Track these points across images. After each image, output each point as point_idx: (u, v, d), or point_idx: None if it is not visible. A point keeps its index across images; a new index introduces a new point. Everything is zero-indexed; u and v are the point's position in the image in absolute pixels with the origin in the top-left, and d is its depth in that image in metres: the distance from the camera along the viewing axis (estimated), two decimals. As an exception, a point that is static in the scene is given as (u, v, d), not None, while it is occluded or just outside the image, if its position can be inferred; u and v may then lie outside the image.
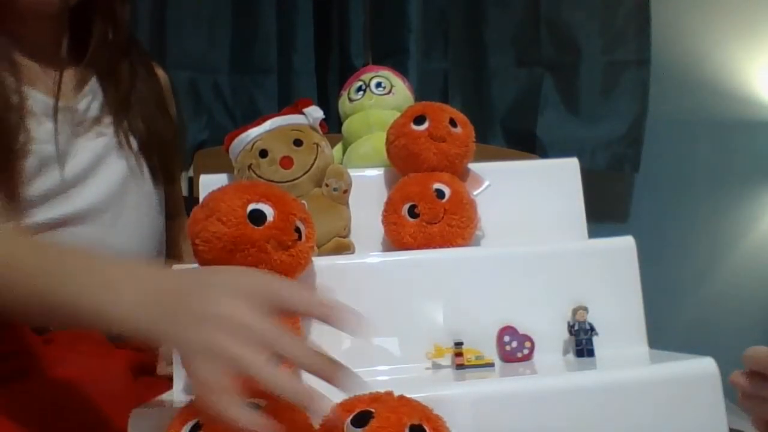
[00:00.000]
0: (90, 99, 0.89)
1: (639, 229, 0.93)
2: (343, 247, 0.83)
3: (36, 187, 0.81)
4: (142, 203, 0.92)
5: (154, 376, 0.85)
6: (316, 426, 0.51)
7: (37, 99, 0.82)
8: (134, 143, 0.91)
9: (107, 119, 0.89)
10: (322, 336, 0.72)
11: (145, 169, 0.93)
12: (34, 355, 0.78)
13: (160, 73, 1.02)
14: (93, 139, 0.87)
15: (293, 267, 0.65)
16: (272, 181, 0.81)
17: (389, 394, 0.52)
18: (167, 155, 0.96)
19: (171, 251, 1.02)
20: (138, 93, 0.93)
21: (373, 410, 0.50)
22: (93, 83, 0.90)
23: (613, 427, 0.62)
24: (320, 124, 0.87)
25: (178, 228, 1.04)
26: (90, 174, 0.86)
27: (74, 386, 0.75)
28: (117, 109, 0.90)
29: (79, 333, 0.83)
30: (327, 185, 0.83)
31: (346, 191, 0.84)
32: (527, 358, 0.73)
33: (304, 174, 0.82)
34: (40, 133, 0.81)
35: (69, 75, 0.87)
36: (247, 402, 0.50)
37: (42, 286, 0.56)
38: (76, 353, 0.80)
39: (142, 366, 0.86)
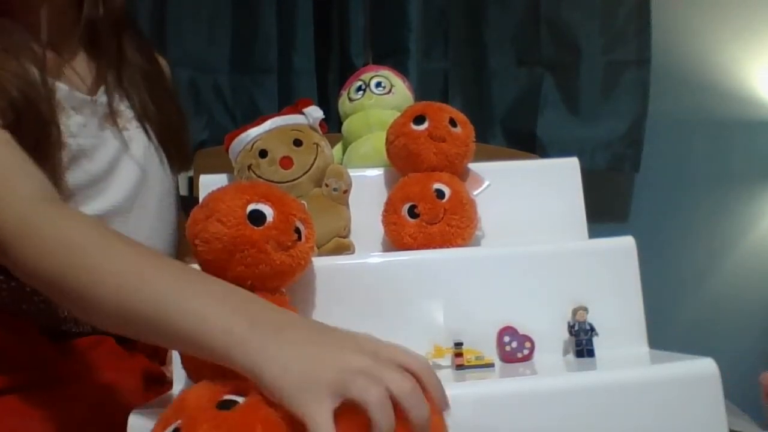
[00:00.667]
0: (111, 91, 0.87)
1: (639, 229, 0.93)
2: (343, 247, 0.83)
3: (67, 182, 0.79)
4: (165, 195, 0.91)
5: (164, 385, 0.85)
6: None
7: (63, 91, 0.80)
8: (152, 133, 0.90)
9: (127, 111, 0.88)
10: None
11: (164, 159, 0.92)
12: (49, 367, 0.77)
13: (162, 61, 1.01)
14: (117, 132, 0.86)
15: (293, 267, 0.65)
16: (272, 181, 0.81)
17: None
18: (181, 143, 0.95)
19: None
20: (148, 80, 0.92)
21: None
22: (110, 75, 0.88)
23: (613, 427, 0.61)
24: (320, 124, 0.87)
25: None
26: (116, 167, 0.85)
27: (89, 400, 0.75)
28: (132, 97, 0.89)
29: (94, 340, 0.83)
30: (327, 185, 0.83)
31: (346, 191, 0.84)
32: (527, 358, 0.73)
33: (303, 174, 0.82)
34: (70, 126, 0.79)
35: (85, 67, 0.86)
36: (226, 398, 0.50)
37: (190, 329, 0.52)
38: (91, 365, 0.80)
39: (153, 374, 0.86)
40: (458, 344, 0.71)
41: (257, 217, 0.63)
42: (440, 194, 0.80)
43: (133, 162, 0.86)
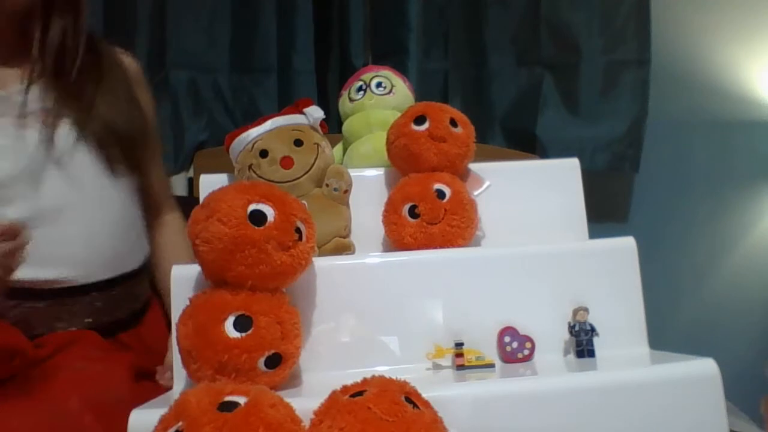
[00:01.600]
0: (38, 91, 0.86)
1: (639, 229, 0.93)
2: (343, 247, 0.83)
3: None
4: (107, 199, 0.88)
5: (154, 381, 0.85)
6: None
7: None
8: (92, 137, 0.87)
9: (60, 112, 0.86)
10: (322, 336, 0.73)
11: (105, 163, 0.88)
12: (31, 359, 0.77)
13: (128, 60, 0.99)
14: (43, 133, 0.84)
15: (294, 267, 0.65)
16: (272, 181, 0.81)
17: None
18: (133, 146, 0.92)
19: (162, 251, 1.00)
20: (96, 85, 0.90)
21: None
22: (42, 75, 0.87)
23: (613, 427, 0.61)
24: (320, 124, 0.87)
25: (168, 225, 1.02)
26: (42, 169, 0.83)
27: (77, 390, 0.75)
28: (70, 102, 0.87)
29: (73, 335, 0.83)
30: (327, 185, 0.83)
31: (347, 191, 0.84)
32: (528, 358, 0.73)
33: (304, 174, 0.82)
34: None
35: (15, 66, 0.86)
36: (227, 400, 0.50)
37: None
38: (76, 357, 0.80)
39: (143, 370, 0.86)
40: (459, 344, 0.71)
41: (258, 217, 0.63)
42: (441, 194, 0.80)
43: (58, 165, 0.84)
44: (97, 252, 0.87)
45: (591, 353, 0.73)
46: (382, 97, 1.01)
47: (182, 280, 0.72)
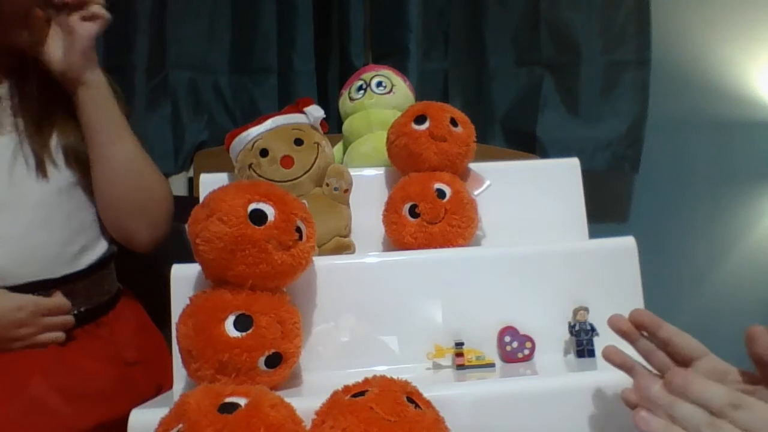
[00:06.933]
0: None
1: (639, 229, 0.94)
2: (343, 246, 0.83)
3: None
4: (45, 202, 0.86)
5: (126, 367, 0.86)
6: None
7: None
8: (39, 143, 0.87)
9: (7, 119, 0.86)
10: (322, 335, 0.73)
11: (56, 168, 0.87)
12: None
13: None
14: None
15: (294, 267, 0.65)
16: (273, 180, 0.81)
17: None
18: (79, 157, 0.90)
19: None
20: (53, 101, 0.90)
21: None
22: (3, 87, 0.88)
23: (613, 427, 0.61)
24: (321, 123, 0.87)
25: None
26: None
27: (41, 372, 0.75)
28: (24, 111, 0.87)
29: None
30: (328, 185, 0.83)
31: (347, 191, 0.84)
32: (528, 358, 0.73)
33: (304, 173, 0.82)
34: None
35: None
36: (228, 401, 0.50)
37: None
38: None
39: (113, 355, 0.86)
40: (459, 344, 0.72)
41: (258, 217, 0.63)
42: (441, 194, 0.80)
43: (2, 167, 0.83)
44: (38, 251, 0.85)
45: (591, 353, 0.73)
46: (382, 97, 1.01)
47: (182, 279, 0.72)
